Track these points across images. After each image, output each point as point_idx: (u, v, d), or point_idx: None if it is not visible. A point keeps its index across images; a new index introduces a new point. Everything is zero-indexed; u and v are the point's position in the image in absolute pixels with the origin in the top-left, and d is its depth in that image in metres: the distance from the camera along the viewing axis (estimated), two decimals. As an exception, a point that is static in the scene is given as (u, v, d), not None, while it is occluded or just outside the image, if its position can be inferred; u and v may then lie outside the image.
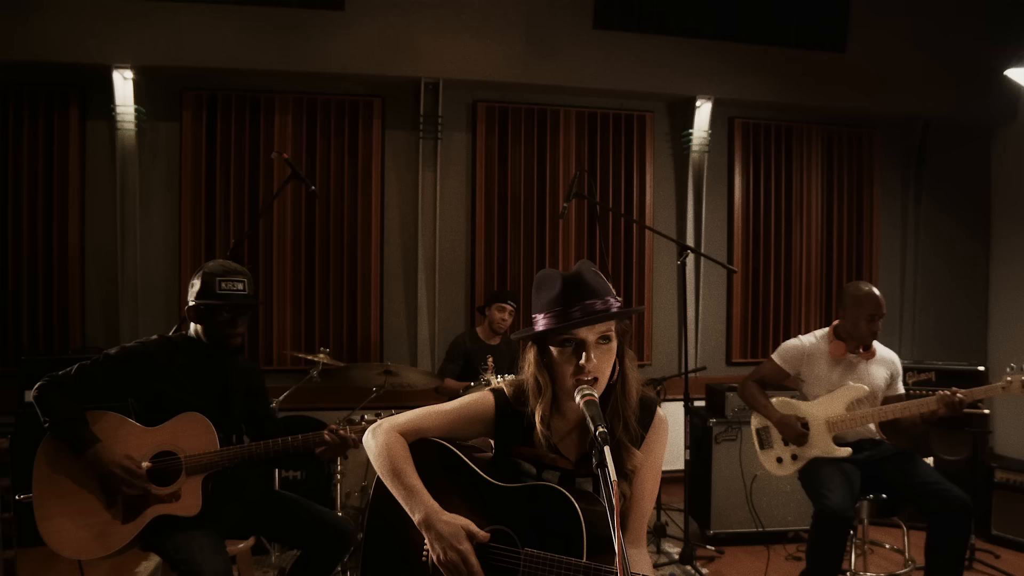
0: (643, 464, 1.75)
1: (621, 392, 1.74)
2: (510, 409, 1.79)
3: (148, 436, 2.49)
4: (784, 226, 6.12)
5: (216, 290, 2.54)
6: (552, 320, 1.66)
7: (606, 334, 1.66)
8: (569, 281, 1.67)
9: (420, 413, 1.83)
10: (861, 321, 3.30)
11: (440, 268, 5.56)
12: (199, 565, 2.27)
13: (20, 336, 5.01)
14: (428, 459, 1.76)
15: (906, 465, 3.25)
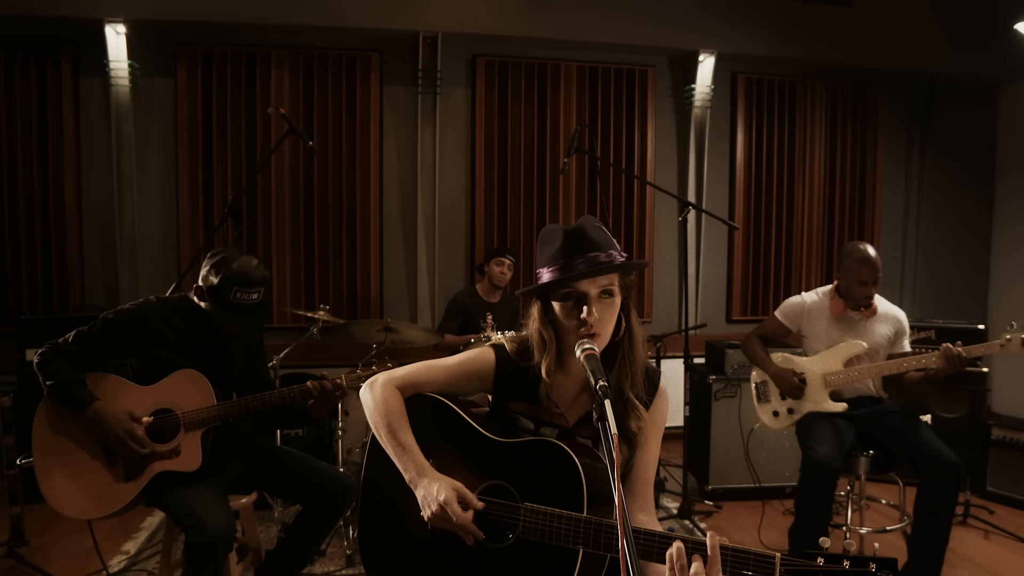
0: (648, 429, 1.75)
1: (628, 348, 1.73)
2: (511, 365, 1.78)
3: (145, 395, 2.49)
4: (786, 183, 6.07)
5: (229, 299, 2.47)
6: (554, 274, 1.64)
7: (608, 288, 1.64)
8: (571, 234, 1.65)
9: (418, 368, 1.82)
10: (854, 285, 3.29)
11: (440, 224, 5.53)
12: (202, 519, 2.29)
13: (20, 296, 5.01)
14: (424, 414, 1.75)
15: (902, 424, 3.26)
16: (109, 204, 5.06)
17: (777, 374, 3.48)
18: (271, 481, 2.76)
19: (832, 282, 3.49)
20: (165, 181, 5.19)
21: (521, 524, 1.58)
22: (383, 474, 1.74)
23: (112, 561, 3.56)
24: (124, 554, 3.66)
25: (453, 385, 1.81)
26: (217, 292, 2.48)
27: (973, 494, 4.27)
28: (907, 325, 3.33)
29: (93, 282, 5.14)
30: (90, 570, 3.38)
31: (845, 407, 3.35)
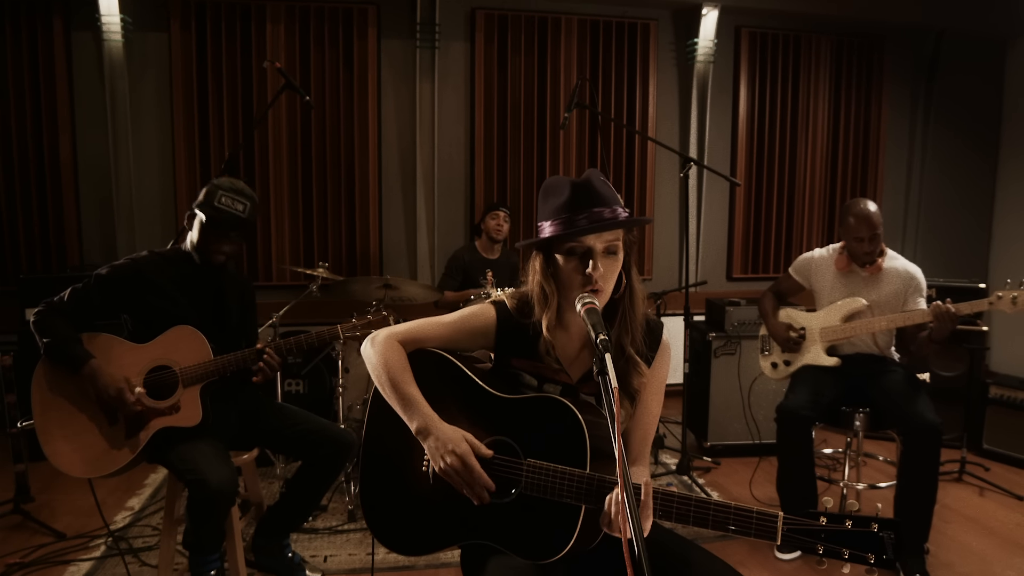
0: (649, 384, 1.74)
1: (629, 305, 1.71)
2: (512, 321, 1.76)
3: (142, 352, 2.49)
4: (789, 140, 6.01)
5: (214, 202, 2.51)
6: (559, 227, 1.62)
7: (613, 244, 1.62)
8: (578, 187, 1.61)
9: (420, 323, 1.81)
10: (852, 242, 3.28)
11: (439, 180, 5.48)
12: (204, 474, 2.30)
13: (18, 255, 4.98)
14: (427, 369, 1.75)
15: (892, 383, 3.27)
16: (105, 162, 5.01)
17: (773, 328, 3.59)
18: (272, 437, 2.77)
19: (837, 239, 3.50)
20: (161, 137, 5.13)
21: (524, 480, 1.58)
22: (385, 429, 1.74)
23: (117, 517, 3.60)
24: (129, 510, 3.70)
25: (454, 341, 1.80)
26: (204, 201, 2.51)
27: (969, 451, 4.30)
28: (922, 283, 3.28)
29: (91, 241, 5.12)
30: (95, 525, 3.42)
31: (837, 362, 3.39)
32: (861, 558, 1.35)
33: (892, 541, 1.33)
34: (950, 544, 3.38)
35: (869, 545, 1.35)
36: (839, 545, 1.36)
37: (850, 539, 1.36)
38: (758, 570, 3.13)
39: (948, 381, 4.59)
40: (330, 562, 3.19)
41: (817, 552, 1.37)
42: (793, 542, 1.39)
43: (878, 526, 1.34)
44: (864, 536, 1.35)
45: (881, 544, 1.34)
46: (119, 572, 3.02)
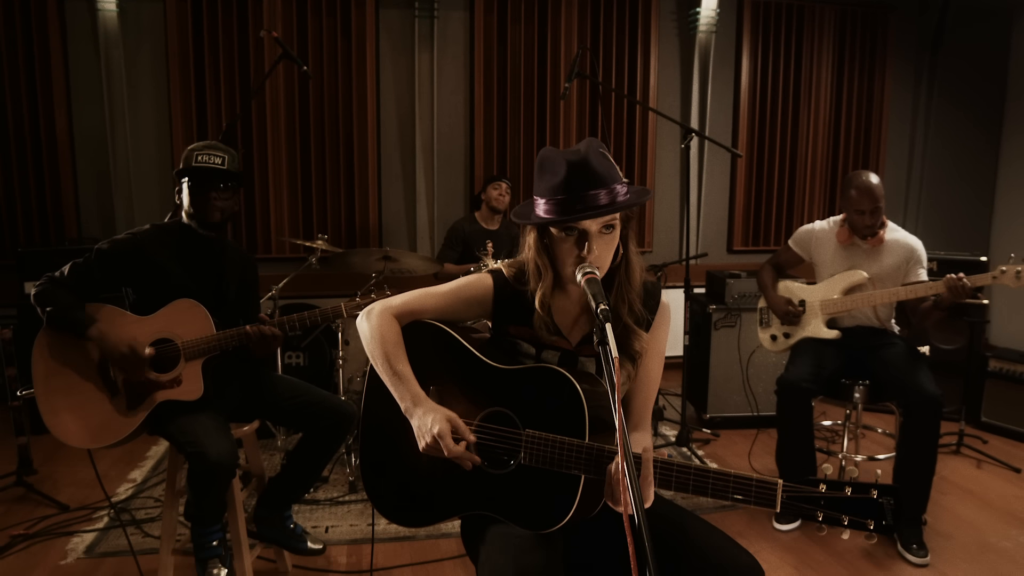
0: (648, 349, 1.73)
1: (625, 276, 1.70)
2: (509, 290, 1.75)
3: (144, 325, 2.48)
4: (791, 111, 5.96)
5: (192, 163, 2.50)
6: (554, 209, 1.59)
7: (610, 222, 1.60)
8: (574, 168, 1.57)
9: (415, 295, 1.79)
10: (853, 215, 3.27)
11: (438, 152, 5.44)
12: (204, 446, 2.31)
13: (15, 229, 4.96)
14: (423, 342, 1.74)
15: (894, 356, 3.27)
16: (101, 134, 4.97)
17: (772, 301, 3.59)
18: (272, 409, 2.77)
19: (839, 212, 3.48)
20: (157, 108, 5.08)
21: (522, 451, 1.58)
22: (382, 403, 1.73)
23: (119, 489, 3.62)
24: (131, 482, 3.72)
25: (451, 311, 1.79)
26: (184, 166, 2.50)
27: (967, 424, 4.32)
28: (923, 255, 3.27)
29: (89, 213, 5.09)
30: (98, 497, 3.45)
31: (837, 334, 3.39)
32: (860, 524, 1.36)
33: (892, 507, 1.34)
34: (947, 516, 3.40)
35: (869, 511, 1.35)
36: (839, 512, 1.37)
37: (849, 506, 1.36)
38: (757, 541, 3.15)
39: (948, 354, 4.60)
40: (331, 533, 3.21)
41: (817, 519, 1.38)
42: (793, 509, 1.39)
43: (877, 492, 1.35)
44: (864, 503, 1.36)
45: (881, 510, 1.35)
46: (122, 543, 3.04)
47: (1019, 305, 5.45)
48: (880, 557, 3.04)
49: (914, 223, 6.17)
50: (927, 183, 6.19)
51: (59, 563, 2.93)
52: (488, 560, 1.52)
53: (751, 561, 1.53)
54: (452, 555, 3.02)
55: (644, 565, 1.09)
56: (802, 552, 3.08)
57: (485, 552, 1.56)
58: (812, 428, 3.28)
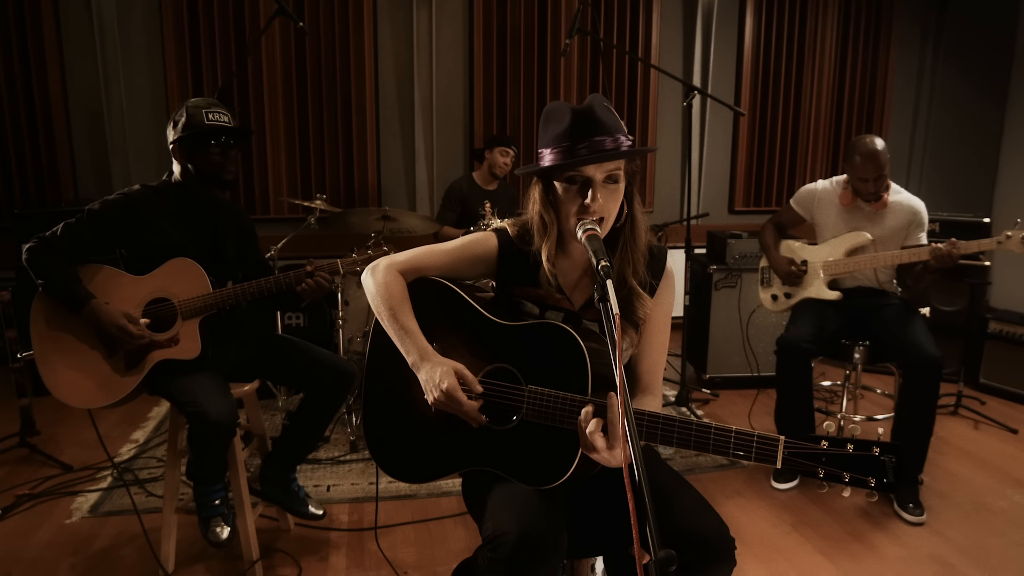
0: (654, 315, 1.72)
1: (630, 235, 1.68)
2: (514, 249, 1.74)
3: (140, 285, 2.46)
4: (795, 71, 5.88)
5: (204, 121, 2.46)
6: (558, 156, 1.58)
7: (614, 174, 1.58)
8: (579, 115, 1.57)
9: (420, 252, 1.78)
10: (857, 181, 3.24)
11: (437, 110, 5.37)
12: (203, 406, 2.31)
13: (11, 191, 4.92)
14: (428, 298, 1.73)
15: (894, 317, 3.27)
16: (95, 93, 4.90)
17: (774, 261, 3.57)
18: (272, 369, 2.77)
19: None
20: (152, 68, 5.00)
21: (525, 406, 1.58)
22: (386, 359, 1.73)
23: (122, 450, 3.64)
24: (133, 443, 3.74)
25: (456, 269, 1.78)
26: (191, 124, 2.47)
27: (966, 385, 4.33)
28: (924, 218, 3.25)
29: (85, 174, 5.04)
30: (101, 457, 3.47)
31: (839, 295, 3.39)
32: (862, 481, 1.34)
33: (893, 464, 1.32)
34: (944, 475, 3.43)
35: (870, 469, 1.34)
36: (840, 468, 1.35)
37: (851, 463, 1.35)
38: (755, 500, 3.18)
39: (948, 316, 4.59)
40: (333, 491, 3.24)
41: (818, 476, 1.36)
42: (794, 466, 1.38)
43: (879, 450, 1.33)
44: (865, 460, 1.34)
45: (882, 467, 1.33)
46: (125, 502, 3.07)
47: (1020, 267, 5.43)
48: (877, 516, 3.07)
49: (917, 184, 6.13)
50: (931, 145, 6.13)
51: (64, 522, 2.96)
52: (490, 516, 1.53)
53: (720, 526, 1.52)
54: (453, 513, 3.05)
55: (644, 521, 1.09)
56: (799, 511, 3.11)
57: (487, 508, 1.57)
58: (811, 388, 3.29)
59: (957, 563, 2.71)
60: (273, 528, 2.93)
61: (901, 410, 3.16)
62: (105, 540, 2.83)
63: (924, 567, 2.69)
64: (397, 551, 2.76)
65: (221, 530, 2.47)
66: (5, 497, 3.13)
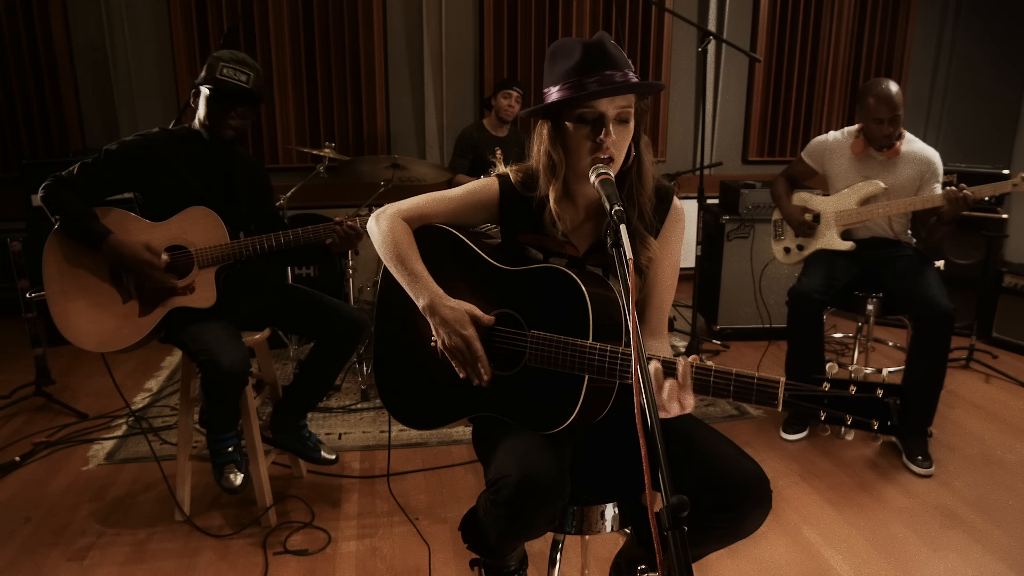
0: (660, 254, 1.69)
1: (636, 177, 1.65)
2: (516, 195, 1.72)
3: (157, 231, 2.45)
4: (813, 17, 5.72)
5: (217, 75, 2.42)
6: (568, 90, 1.53)
7: (625, 111, 1.54)
8: (589, 48, 1.52)
9: (424, 199, 1.77)
10: (871, 123, 3.16)
11: (447, 57, 5.28)
12: (216, 355, 2.32)
13: (19, 142, 4.89)
14: (432, 244, 1.72)
15: (907, 268, 3.23)
16: (101, 42, 4.83)
17: (788, 212, 3.53)
18: (284, 318, 2.78)
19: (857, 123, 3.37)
20: (156, 13, 4.92)
21: (528, 352, 1.57)
22: (395, 307, 1.73)
23: (136, 398, 3.68)
24: (147, 391, 3.78)
25: (459, 216, 1.77)
26: (207, 74, 2.42)
27: (978, 339, 4.30)
28: (939, 167, 3.18)
29: (92, 123, 5.00)
30: (116, 406, 3.51)
31: (852, 246, 3.35)
32: (864, 424, 1.29)
33: (897, 407, 1.27)
34: (953, 428, 3.43)
35: (873, 411, 1.29)
36: (842, 410, 1.30)
37: (853, 405, 1.30)
38: (763, 450, 3.19)
39: (963, 269, 4.55)
40: (344, 440, 3.27)
41: (819, 418, 1.32)
42: (794, 407, 1.34)
43: (883, 392, 1.28)
44: (868, 402, 1.29)
45: (886, 410, 1.28)
46: (141, 449, 3.12)
47: (1038, 220, 5.36)
48: (885, 467, 3.08)
49: (935, 135, 6.01)
50: (950, 95, 5.99)
51: (81, 469, 3.00)
52: (494, 460, 1.54)
53: (756, 469, 1.52)
54: (464, 461, 3.08)
55: (656, 468, 1.09)
56: (808, 462, 3.12)
57: (492, 453, 1.57)
58: (823, 340, 3.28)
59: (963, 514, 2.73)
60: (286, 475, 2.97)
61: (912, 362, 3.14)
62: (121, 487, 2.88)
63: (930, 517, 2.71)
64: (408, 498, 2.80)
65: (235, 476, 2.51)
66: (23, 445, 3.18)
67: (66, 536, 2.54)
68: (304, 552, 2.47)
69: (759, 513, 1.50)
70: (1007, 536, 2.59)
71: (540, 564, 2.26)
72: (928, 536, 2.59)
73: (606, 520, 1.65)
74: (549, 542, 1.80)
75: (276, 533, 2.57)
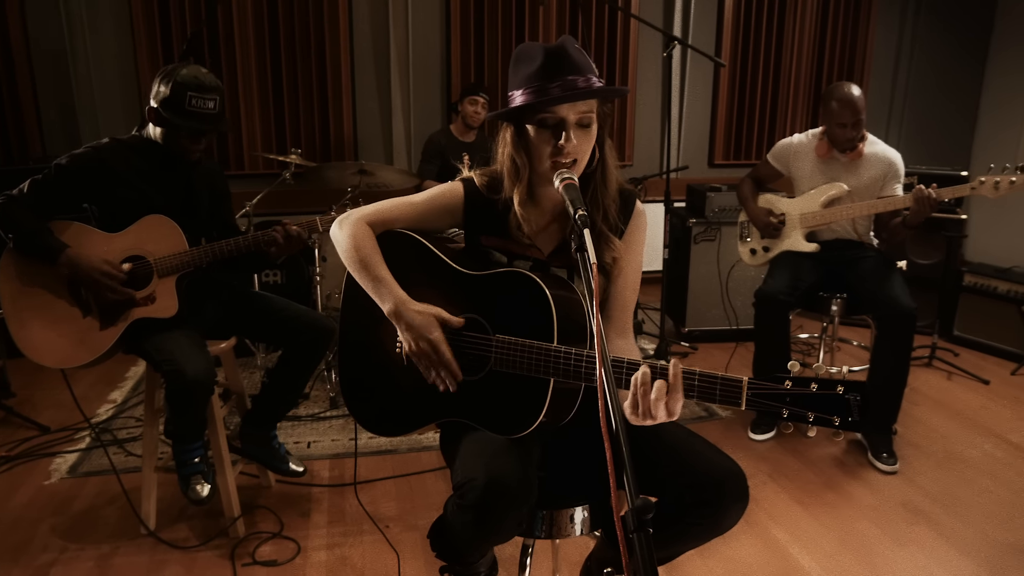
0: (624, 255, 1.71)
1: (601, 180, 1.67)
2: (481, 198, 1.72)
3: (114, 242, 2.41)
4: (776, 21, 5.80)
5: (186, 106, 2.35)
6: (530, 96, 1.55)
7: (587, 116, 1.55)
8: (551, 54, 1.53)
9: (388, 204, 1.76)
10: (834, 127, 3.22)
11: (414, 61, 5.26)
12: (180, 364, 2.28)
13: (-25, 148, 4.78)
14: (396, 249, 1.71)
15: (870, 269, 3.29)
16: (61, 47, 4.74)
17: (753, 214, 3.57)
18: (249, 326, 2.75)
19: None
20: (118, 18, 4.84)
21: (493, 356, 1.57)
22: (359, 313, 1.71)
23: (100, 410, 3.62)
24: (111, 403, 3.71)
25: (423, 220, 1.76)
26: (171, 102, 2.35)
27: (940, 337, 4.38)
28: (901, 169, 3.25)
29: (52, 130, 4.90)
30: (78, 419, 3.44)
31: (816, 247, 3.40)
32: (826, 421, 1.32)
33: (858, 403, 1.30)
34: (917, 426, 3.49)
35: (834, 408, 1.31)
36: (804, 408, 1.33)
37: (815, 402, 1.32)
38: (732, 450, 3.19)
39: (924, 269, 4.63)
40: (313, 448, 3.24)
41: (782, 416, 1.34)
42: (758, 406, 1.36)
43: (843, 388, 1.31)
44: (829, 399, 1.32)
45: (847, 406, 1.31)
46: (104, 462, 3.06)
47: (995, 221, 5.48)
48: (851, 465, 3.13)
49: (897, 137, 6.12)
50: (911, 98, 6.10)
51: (43, 483, 2.94)
52: (460, 464, 1.53)
53: (732, 465, 1.54)
54: (434, 467, 3.07)
55: (621, 470, 1.09)
56: (776, 461, 3.16)
57: (458, 457, 1.57)
58: (788, 340, 3.32)
59: (927, 509, 2.78)
60: (254, 485, 2.93)
61: (876, 361, 3.19)
62: (85, 500, 2.82)
63: (896, 514, 2.75)
64: (378, 505, 2.78)
65: (201, 488, 2.47)
66: (-19, 458, 3.11)
67: (28, 552, 2.48)
68: (273, 563, 2.44)
69: (738, 507, 1.52)
70: (970, 530, 2.64)
71: (511, 569, 2.26)
72: (894, 532, 2.63)
73: (576, 523, 1.65)
74: (519, 547, 1.80)
75: (244, 544, 2.54)
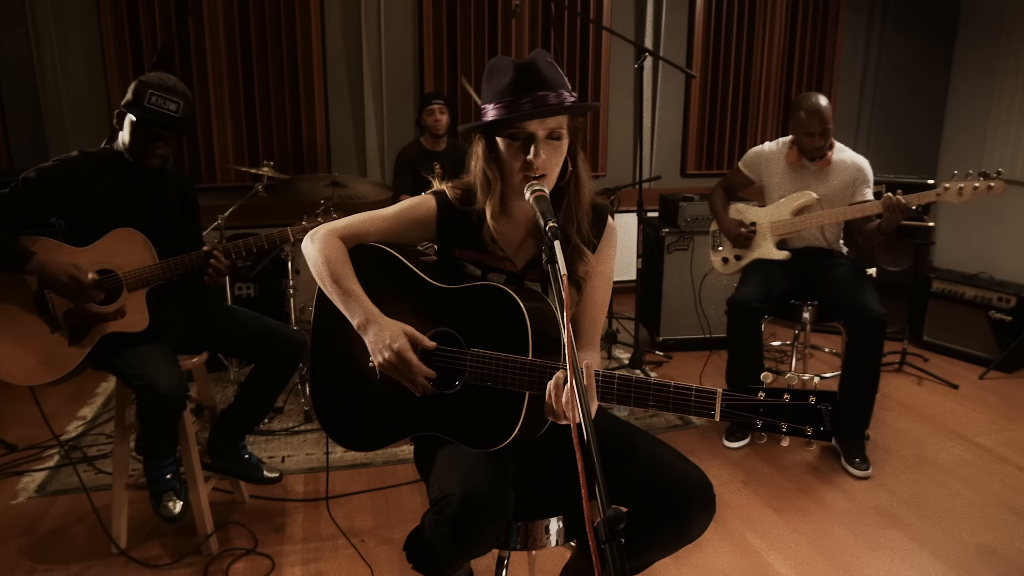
0: (595, 271, 1.72)
1: (574, 193, 1.68)
2: (454, 212, 1.72)
3: (83, 256, 2.38)
4: (746, 33, 5.88)
5: (144, 102, 2.34)
6: (500, 111, 1.56)
7: (557, 130, 1.57)
8: (521, 69, 1.55)
9: (360, 217, 1.76)
10: (802, 136, 3.27)
11: (387, 72, 5.25)
12: (152, 379, 2.25)
13: (-61, 160, 4.70)
14: (368, 263, 1.70)
15: (840, 276, 3.33)
16: (27, 58, 4.66)
17: (724, 223, 3.60)
18: (221, 340, 2.72)
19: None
20: (87, 29, 4.78)
21: (468, 369, 1.57)
22: (331, 326, 1.70)
23: (69, 427, 3.56)
24: (81, 419, 3.65)
25: (396, 234, 1.76)
26: (133, 101, 2.35)
27: (910, 343, 4.45)
28: (869, 174, 3.29)
29: (19, 143, 4.81)
30: (47, 436, 3.37)
31: (787, 255, 3.43)
32: (799, 431, 1.36)
33: (829, 413, 1.34)
34: (889, 430, 3.54)
35: (807, 418, 1.36)
36: (777, 419, 1.37)
37: (788, 412, 1.37)
38: (707, 458, 3.24)
39: (893, 276, 4.70)
40: (287, 462, 3.21)
41: (756, 426, 1.38)
42: (732, 417, 1.39)
43: (815, 399, 1.35)
44: (802, 409, 1.36)
45: (819, 416, 1.35)
46: (74, 481, 3.00)
47: (962, 228, 5.58)
48: (825, 471, 3.16)
49: (865, 146, 6.21)
50: (879, 107, 6.20)
51: (10, 503, 2.89)
52: (436, 479, 1.53)
53: (699, 475, 1.55)
54: (409, 480, 3.05)
55: (593, 480, 1.10)
56: (750, 468, 3.18)
57: (434, 472, 1.57)
58: (761, 347, 3.36)
59: (899, 513, 2.81)
60: (227, 501, 2.90)
61: (847, 368, 3.23)
62: (54, 520, 2.77)
63: (869, 518, 2.78)
64: (354, 519, 2.76)
65: (173, 504, 2.43)
66: (-54, 478, 3.04)
67: (-6, 574, 2.43)
68: (247, 580, 2.42)
69: (704, 517, 1.54)
70: (942, 533, 2.68)
71: (488, 581, 2.25)
72: (867, 536, 2.66)
73: (551, 534, 1.65)
74: (495, 559, 1.80)
75: (218, 561, 2.51)
